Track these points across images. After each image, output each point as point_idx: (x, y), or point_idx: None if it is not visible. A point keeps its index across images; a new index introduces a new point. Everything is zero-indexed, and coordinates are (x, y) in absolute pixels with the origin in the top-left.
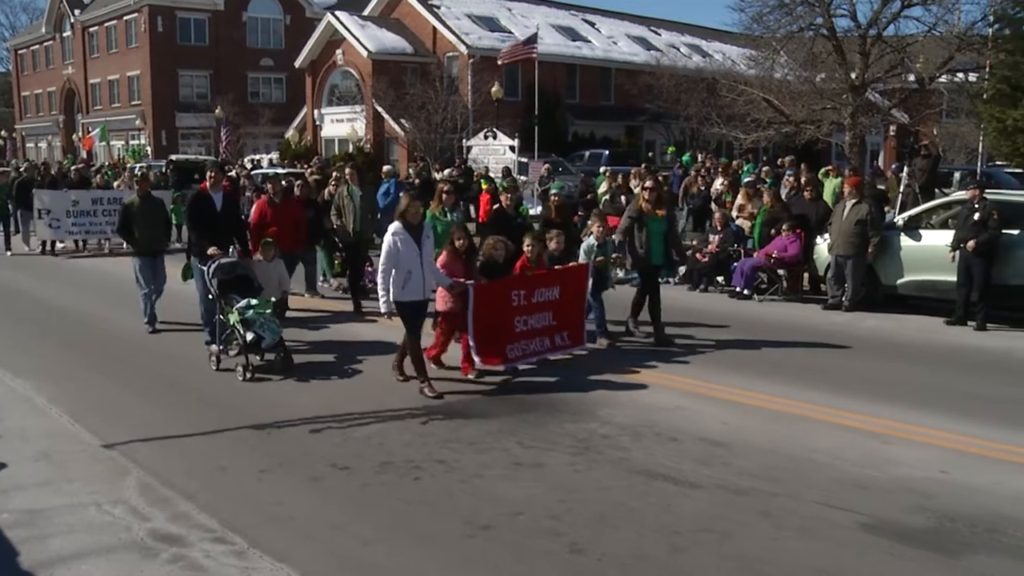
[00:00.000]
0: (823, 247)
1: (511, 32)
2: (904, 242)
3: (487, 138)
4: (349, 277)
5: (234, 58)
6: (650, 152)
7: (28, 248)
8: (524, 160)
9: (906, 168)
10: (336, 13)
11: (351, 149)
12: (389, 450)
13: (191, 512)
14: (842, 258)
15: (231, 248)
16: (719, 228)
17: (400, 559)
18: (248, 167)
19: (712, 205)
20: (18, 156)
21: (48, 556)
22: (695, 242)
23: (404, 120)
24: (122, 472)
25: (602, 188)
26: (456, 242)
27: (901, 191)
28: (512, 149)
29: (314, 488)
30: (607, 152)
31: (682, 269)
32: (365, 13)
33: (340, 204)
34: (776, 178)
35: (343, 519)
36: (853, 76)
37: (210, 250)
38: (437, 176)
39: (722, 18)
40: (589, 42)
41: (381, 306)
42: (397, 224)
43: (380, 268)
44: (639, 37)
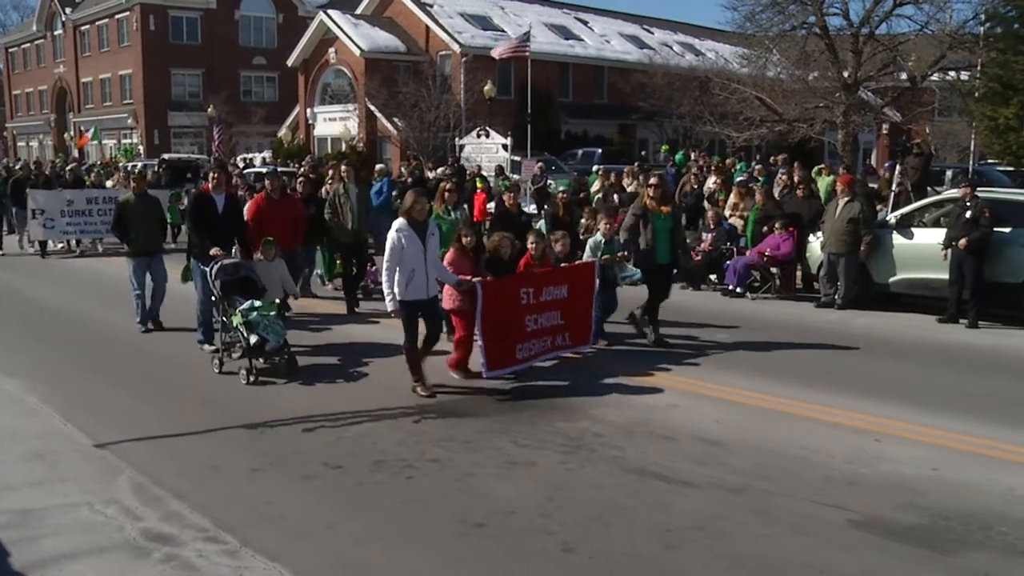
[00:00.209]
0: (816, 245)
1: (504, 31)
2: (896, 240)
3: (480, 137)
4: (343, 277)
5: (226, 57)
6: (643, 151)
7: (22, 248)
8: (517, 159)
9: (898, 166)
10: (329, 12)
11: (344, 148)
12: (382, 449)
13: (183, 511)
14: (835, 256)
15: (233, 249)
16: (712, 226)
17: (393, 558)
18: (240, 166)
19: (705, 203)
20: (9, 155)
21: (40, 557)
22: (688, 240)
23: (397, 119)
24: (114, 472)
25: (595, 186)
26: (463, 239)
27: (893, 189)
28: (505, 148)
29: (307, 487)
30: (600, 150)
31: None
32: (358, 12)
33: (336, 203)
34: (769, 176)
35: (336, 518)
36: (845, 74)
37: (212, 251)
38: (430, 175)
39: (715, 17)
40: (582, 40)
41: (388, 305)
42: (402, 221)
43: (384, 266)
44: (632, 35)
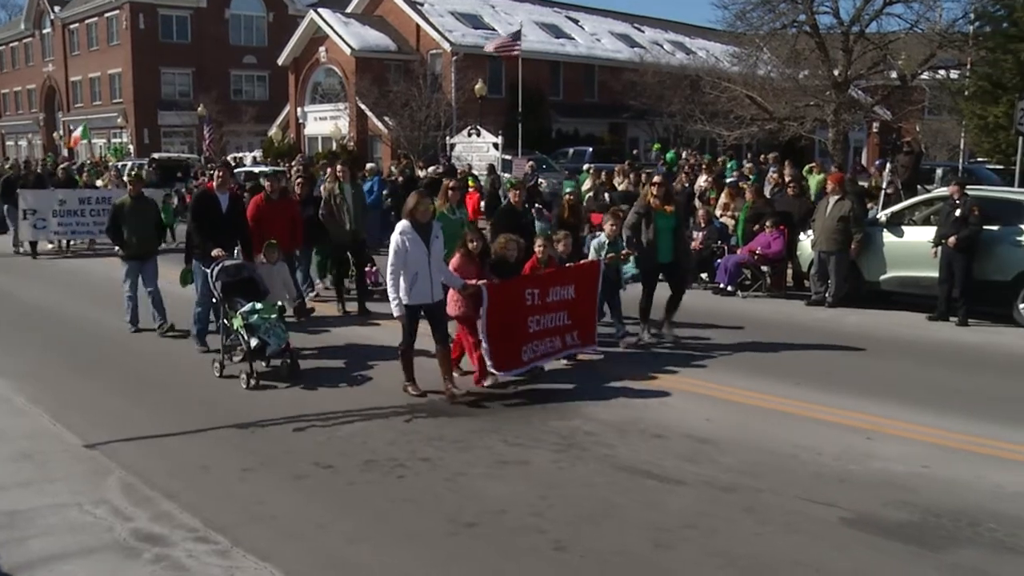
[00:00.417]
0: (806, 243)
1: (495, 29)
2: (887, 238)
3: (471, 135)
4: (335, 278)
5: (217, 56)
6: (635, 149)
7: (17, 248)
8: (508, 157)
9: (888, 164)
10: (319, 10)
11: (334, 147)
12: (373, 448)
13: (173, 512)
14: (825, 254)
15: (235, 251)
16: (703, 225)
17: (384, 557)
18: (231, 165)
19: (696, 202)
20: None
21: (28, 558)
22: None
23: (387, 118)
24: (104, 472)
25: (586, 185)
26: (469, 244)
27: (884, 187)
28: (496, 146)
29: (298, 487)
30: (591, 149)
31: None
32: (348, 10)
33: (333, 203)
34: (759, 174)
35: (327, 518)
36: (836, 73)
37: (214, 252)
38: (420, 174)
39: (705, 15)
40: (572, 39)
41: (394, 310)
42: (405, 223)
43: (388, 269)
44: (622, 34)
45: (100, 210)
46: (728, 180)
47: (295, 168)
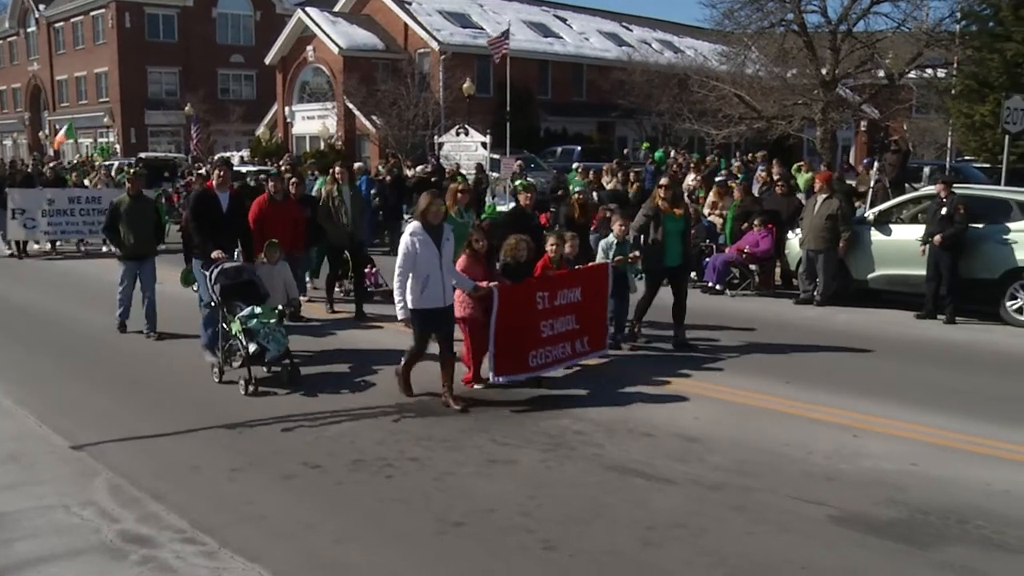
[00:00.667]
0: (795, 242)
1: (483, 28)
2: (875, 237)
3: (459, 134)
4: (328, 278)
5: (204, 55)
6: (625, 148)
7: (8, 248)
8: (496, 156)
9: (876, 163)
10: (306, 9)
11: (322, 146)
12: (361, 448)
13: (161, 513)
14: (813, 253)
15: (236, 252)
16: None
17: (373, 557)
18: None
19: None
20: None
21: (14, 560)
22: None
23: (375, 117)
24: (91, 473)
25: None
26: (475, 244)
27: (872, 186)
28: (484, 145)
29: (286, 487)
30: (579, 148)
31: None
32: (336, 9)
33: (331, 204)
34: (748, 172)
35: (315, 518)
36: (824, 72)
37: (214, 253)
38: (408, 173)
39: (694, 14)
40: (561, 38)
41: (398, 313)
42: (416, 224)
43: (396, 272)
44: (611, 33)
45: (90, 210)
46: (716, 179)
47: (283, 168)
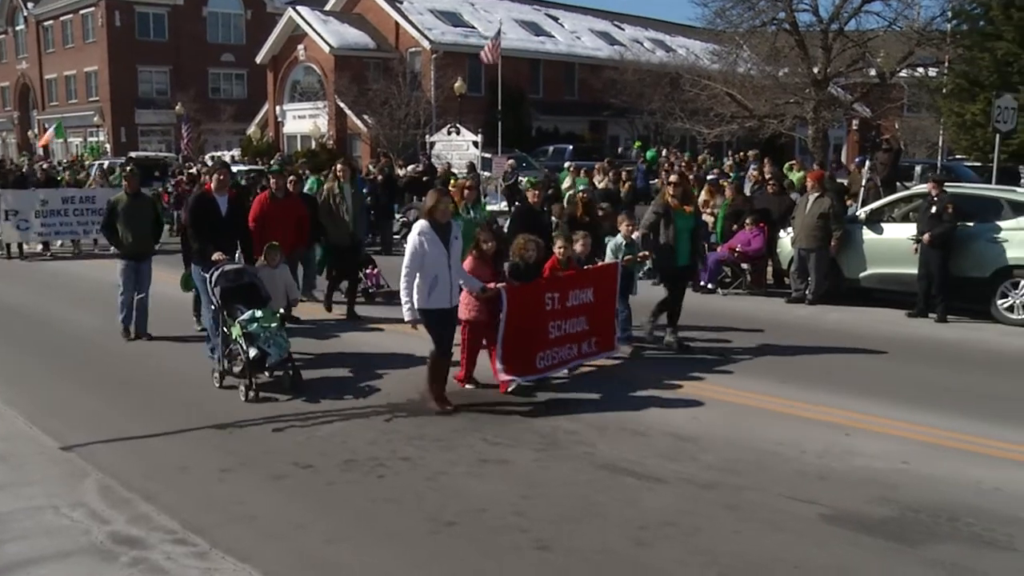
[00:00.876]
0: (786, 241)
1: (474, 27)
2: (866, 235)
3: (450, 134)
4: (329, 279)
5: (194, 53)
6: (620, 147)
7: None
8: (488, 156)
9: (868, 162)
10: (297, 8)
11: (313, 146)
12: (353, 448)
13: (151, 514)
14: (805, 251)
15: (236, 254)
16: None
17: (365, 557)
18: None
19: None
20: None
21: (3, 562)
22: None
23: (367, 116)
24: (81, 474)
25: (566, 183)
26: (483, 245)
27: (863, 185)
28: (476, 145)
29: (277, 487)
30: (571, 147)
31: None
32: (327, 8)
33: (332, 203)
34: (739, 168)
35: (307, 518)
36: (815, 70)
37: (215, 255)
38: (400, 172)
39: (685, 13)
40: (552, 37)
41: (405, 314)
42: (423, 223)
43: (403, 272)
44: (602, 32)
45: (84, 210)
46: (708, 177)
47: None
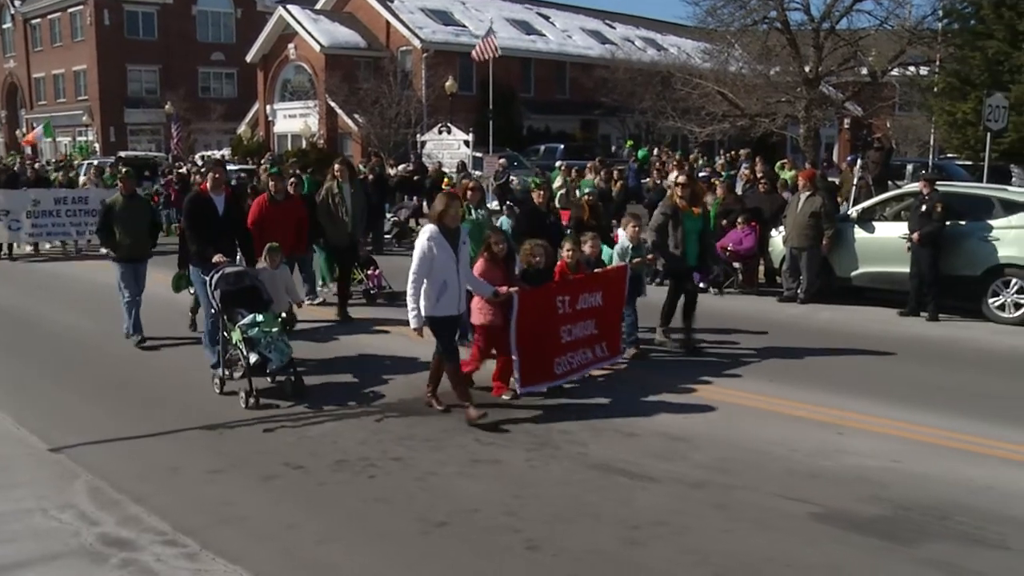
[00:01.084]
0: (778, 240)
1: (465, 26)
2: (858, 234)
3: (441, 133)
4: (339, 282)
5: (184, 52)
6: (613, 147)
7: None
8: (479, 155)
9: (859, 160)
10: (288, 7)
11: (304, 145)
12: (344, 448)
13: (141, 515)
14: (797, 250)
15: (237, 256)
16: None
17: (356, 557)
18: (200, 164)
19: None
20: None
21: None
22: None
23: (358, 115)
24: (70, 476)
25: (557, 182)
26: (495, 247)
27: (855, 183)
28: (467, 144)
29: (268, 488)
30: (562, 146)
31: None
32: (317, 7)
33: (332, 204)
34: (730, 167)
35: (298, 518)
36: (807, 69)
37: (215, 257)
38: (391, 172)
39: (677, 11)
40: (543, 36)
41: (411, 321)
42: (433, 228)
43: (411, 277)
44: (594, 31)
45: (76, 210)
46: (699, 175)
47: (263, 166)
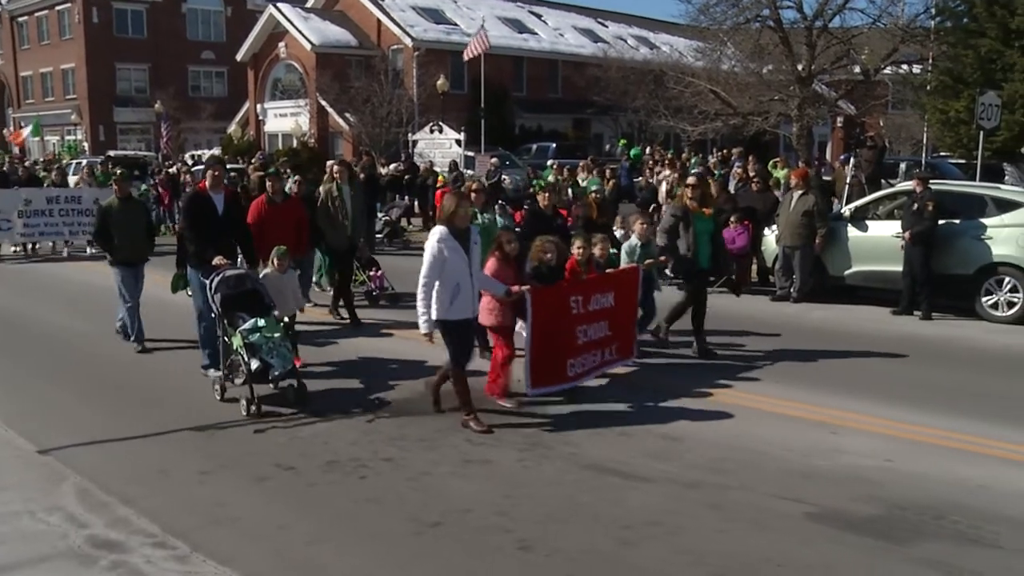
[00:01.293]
0: (771, 238)
1: (456, 24)
2: (851, 233)
3: (433, 132)
4: (340, 286)
5: (174, 51)
6: (607, 146)
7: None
8: (471, 154)
9: (852, 159)
10: (278, 5)
11: (295, 144)
12: (335, 449)
13: (131, 517)
14: (790, 249)
15: (239, 258)
16: None
17: (348, 558)
18: (190, 163)
19: (660, 198)
20: None
21: None
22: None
23: (349, 114)
24: (58, 478)
25: (549, 180)
26: (506, 247)
27: (848, 182)
28: (458, 143)
29: (259, 489)
30: (554, 145)
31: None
32: (308, 5)
33: (331, 205)
34: (723, 165)
35: (289, 519)
36: (800, 68)
37: (216, 259)
38: (382, 171)
39: (669, 10)
40: (536, 34)
41: (421, 326)
42: (443, 229)
43: (421, 280)
44: (586, 29)
45: (69, 210)
46: (693, 172)
47: (252, 165)
